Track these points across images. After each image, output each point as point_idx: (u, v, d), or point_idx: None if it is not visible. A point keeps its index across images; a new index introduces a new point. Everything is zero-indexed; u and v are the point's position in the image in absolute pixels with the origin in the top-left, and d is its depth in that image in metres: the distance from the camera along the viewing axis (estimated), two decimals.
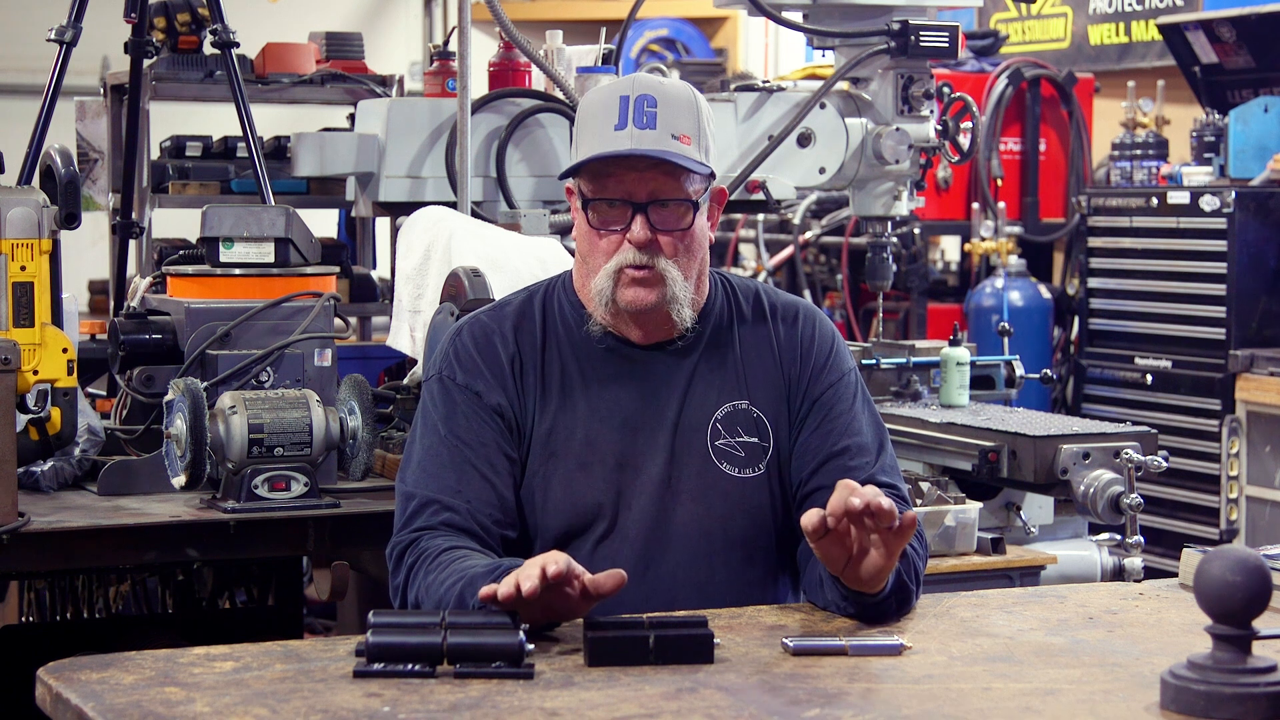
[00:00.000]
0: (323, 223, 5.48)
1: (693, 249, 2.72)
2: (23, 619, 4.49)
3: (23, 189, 3.49)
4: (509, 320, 2.79)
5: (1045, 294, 6.99)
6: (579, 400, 2.75)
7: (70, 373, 3.44)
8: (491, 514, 2.67)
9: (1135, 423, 4.36)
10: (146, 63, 4.80)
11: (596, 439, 2.73)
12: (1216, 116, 6.36)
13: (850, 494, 2.42)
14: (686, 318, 2.74)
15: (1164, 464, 3.87)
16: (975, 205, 7.15)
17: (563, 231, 4.14)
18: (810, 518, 2.44)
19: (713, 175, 2.74)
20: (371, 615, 2.30)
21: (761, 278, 7.62)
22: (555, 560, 2.36)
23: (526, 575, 2.34)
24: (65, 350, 3.43)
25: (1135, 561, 3.91)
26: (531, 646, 2.27)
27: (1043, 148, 7.32)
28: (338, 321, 3.76)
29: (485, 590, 2.36)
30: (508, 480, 2.71)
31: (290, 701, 2.12)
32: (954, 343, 4.44)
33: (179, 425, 3.38)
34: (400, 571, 2.63)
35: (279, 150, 5.15)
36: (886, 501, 2.42)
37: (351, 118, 5.03)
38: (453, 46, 4.32)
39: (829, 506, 2.43)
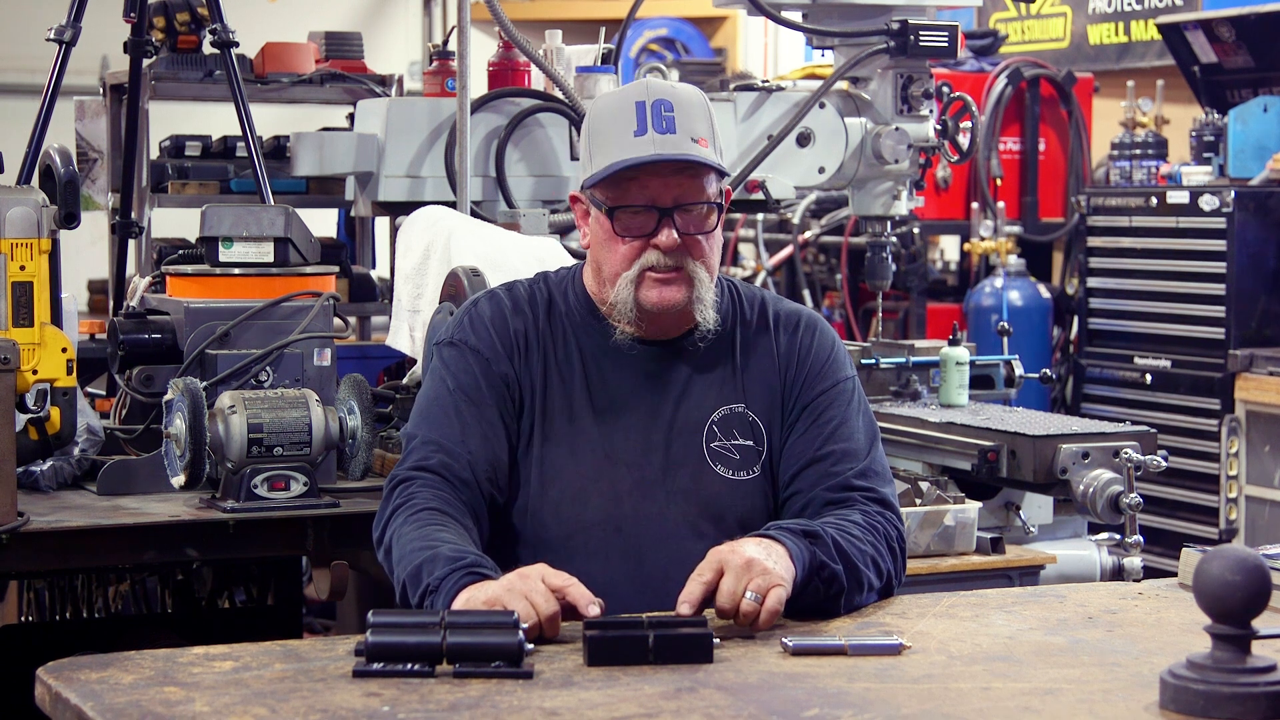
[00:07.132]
0: (322, 222, 5.48)
1: (715, 250, 2.75)
2: (22, 619, 4.49)
3: (22, 189, 3.49)
4: (523, 299, 2.83)
5: (1044, 294, 6.98)
6: (577, 391, 2.76)
7: (69, 372, 3.44)
8: (486, 471, 2.70)
9: (1135, 422, 4.35)
10: (146, 62, 4.81)
11: (590, 430, 2.75)
12: (1216, 116, 6.35)
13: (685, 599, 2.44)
14: (710, 319, 2.76)
15: (1163, 463, 3.86)
16: (974, 205, 7.15)
17: (562, 231, 4.13)
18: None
19: (726, 176, 2.76)
20: (371, 615, 2.30)
21: (761, 277, 7.63)
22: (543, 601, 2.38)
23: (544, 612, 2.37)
24: (64, 350, 3.43)
25: (1135, 561, 3.91)
26: (531, 646, 2.27)
27: (1042, 147, 7.31)
28: (337, 321, 3.76)
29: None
30: (504, 445, 2.73)
31: (289, 701, 2.12)
32: (953, 342, 4.43)
33: (178, 425, 3.38)
34: (387, 507, 2.66)
35: (278, 150, 5.15)
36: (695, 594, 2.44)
37: (351, 117, 5.03)
38: (452, 46, 4.32)
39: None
